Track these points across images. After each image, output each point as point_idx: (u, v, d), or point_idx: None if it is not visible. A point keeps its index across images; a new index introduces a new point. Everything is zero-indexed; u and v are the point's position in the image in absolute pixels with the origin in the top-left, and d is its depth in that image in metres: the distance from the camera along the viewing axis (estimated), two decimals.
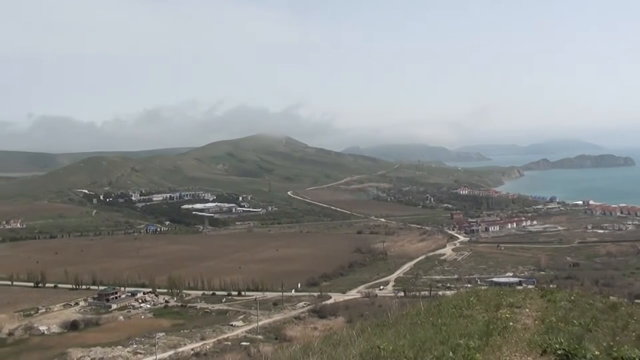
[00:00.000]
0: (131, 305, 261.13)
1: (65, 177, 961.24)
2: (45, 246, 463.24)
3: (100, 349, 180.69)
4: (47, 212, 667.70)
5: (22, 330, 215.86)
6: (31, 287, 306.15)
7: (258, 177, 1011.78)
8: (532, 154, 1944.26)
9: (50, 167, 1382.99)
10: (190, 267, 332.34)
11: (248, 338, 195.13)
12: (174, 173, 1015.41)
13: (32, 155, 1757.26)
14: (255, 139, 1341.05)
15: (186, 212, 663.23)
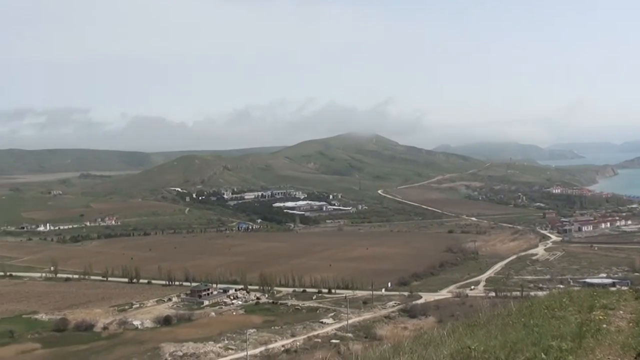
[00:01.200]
0: (223, 301, 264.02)
1: (159, 175, 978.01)
2: (140, 243, 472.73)
3: (192, 344, 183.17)
4: (142, 210, 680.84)
5: (117, 325, 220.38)
6: (125, 283, 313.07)
7: (348, 176, 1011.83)
8: (626, 152, 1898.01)
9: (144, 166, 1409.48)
10: (281, 265, 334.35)
11: (338, 336, 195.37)
12: (266, 171, 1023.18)
13: (126, 155, 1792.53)
14: (345, 138, 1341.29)
15: (277, 210, 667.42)
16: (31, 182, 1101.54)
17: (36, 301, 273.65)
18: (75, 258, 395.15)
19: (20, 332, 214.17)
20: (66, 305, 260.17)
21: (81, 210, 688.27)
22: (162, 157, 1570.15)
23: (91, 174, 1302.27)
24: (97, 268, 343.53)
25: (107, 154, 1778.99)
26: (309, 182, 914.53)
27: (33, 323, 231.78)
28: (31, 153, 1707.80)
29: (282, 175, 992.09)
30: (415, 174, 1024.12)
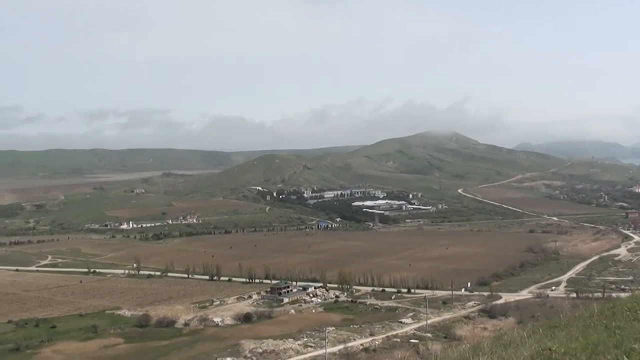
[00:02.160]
0: (302, 299, 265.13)
1: (240, 174, 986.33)
2: (220, 241, 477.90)
3: (272, 342, 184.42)
4: (223, 208, 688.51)
5: (198, 321, 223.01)
6: (206, 280, 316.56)
7: (428, 175, 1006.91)
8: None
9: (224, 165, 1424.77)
10: (360, 263, 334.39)
11: (417, 336, 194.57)
12: (345, 170, 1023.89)
13: (207, 154, 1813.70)
14: (424, 136, 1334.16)
15: (357, 209, 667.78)
16: (115, 181, 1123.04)
17: (119, 297, 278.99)
18: (157, 255, 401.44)
19: (104, 327, 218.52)
20: (148, 302, 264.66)
21: (163, 208, 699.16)
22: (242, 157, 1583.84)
23: (173, 173, 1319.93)
24: (178, 265, 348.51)
25: (188, 153, 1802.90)
26: (388, 181, 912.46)
27: (116, 318, 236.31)
28: (114, 153, 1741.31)
29: (361, 174, 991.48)
30: (495, 173, 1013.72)
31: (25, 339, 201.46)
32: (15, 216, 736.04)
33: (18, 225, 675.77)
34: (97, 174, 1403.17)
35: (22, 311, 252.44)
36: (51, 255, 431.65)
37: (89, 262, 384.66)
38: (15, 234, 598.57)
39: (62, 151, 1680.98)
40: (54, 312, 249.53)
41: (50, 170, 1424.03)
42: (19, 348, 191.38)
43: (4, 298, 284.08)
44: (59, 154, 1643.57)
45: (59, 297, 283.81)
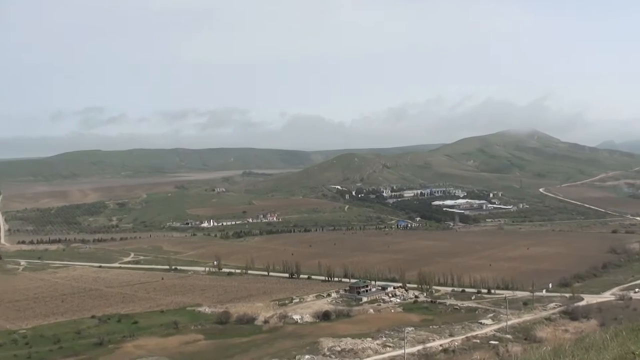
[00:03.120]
0: (381, 298, 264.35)
1: (319, 173, 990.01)
2: (300, 239, 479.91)
3: (351, 340, 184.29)
4: (302, 207, 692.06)
5: (277, 319, 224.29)
6: (286, 278, 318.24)
7: (508, 174, 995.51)
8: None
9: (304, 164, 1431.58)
10: (439, 263, 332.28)
11: (497, 337, 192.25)
12: (424, 169, 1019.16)
13: (286, 153, 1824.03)
14: (504, 134, 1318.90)
15: (436, 209, 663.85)
16: (196, 180, 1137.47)
17: (200, 294, 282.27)
18: (238, 253, 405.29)
19: (185, 324, 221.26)
20: (228, 299, 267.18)
21: (243, 207, 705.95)
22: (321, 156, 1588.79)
23: (253, 172, 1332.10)
24: (258, 263, 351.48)
25: (267, 152, 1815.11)
26: (468, 180, 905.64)
27: (197, 315, 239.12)
28: (195, 152, 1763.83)
29: (441, 173, 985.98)
30: (577, 172, 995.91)
31: (107, 334, 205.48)
32: (99, 214, 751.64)
33: (101, 222, 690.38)
34: (178, 172, 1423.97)
35: (105, 307, 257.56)
36: (133, 253, 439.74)
37: (170, 259, 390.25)
38: (98, 232, 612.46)
39: (145, 150, 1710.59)
40: (136, 308, 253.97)
41: (133, 169, 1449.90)
42: (102, 343, 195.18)
43: (87, 294, 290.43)
44: (141, 153, 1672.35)
45: (141, 293, 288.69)
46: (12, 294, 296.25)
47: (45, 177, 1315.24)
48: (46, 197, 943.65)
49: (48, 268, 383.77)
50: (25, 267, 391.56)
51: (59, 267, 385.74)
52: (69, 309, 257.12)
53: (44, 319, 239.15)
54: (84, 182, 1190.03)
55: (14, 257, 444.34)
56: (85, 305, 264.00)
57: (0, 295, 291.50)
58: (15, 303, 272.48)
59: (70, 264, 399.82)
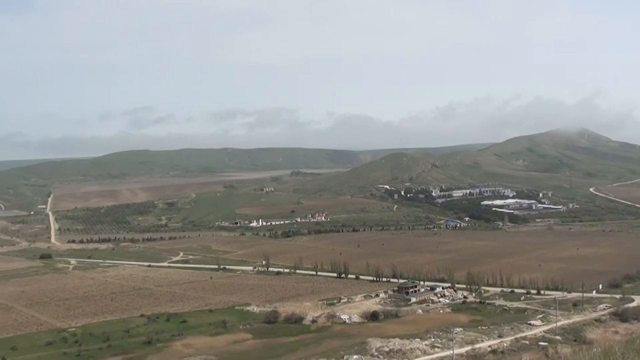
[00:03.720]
0: (430, 299, 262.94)
1: (367, 173, 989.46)
2: (348, 239, 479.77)
3: (399, 341, 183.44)
4: (350, 207, 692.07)
5: (325, 318, 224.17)
6: (334, 278, 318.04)
7: (558, 173, 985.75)
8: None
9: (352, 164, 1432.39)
10: (488, 264, 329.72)
11: (546, 338, 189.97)
12: (473, 169, 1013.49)
13: (334, 153, 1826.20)
14: (553, 134, 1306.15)
15: (485, 208, 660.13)
16: (244, 180, 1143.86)
17: (248, 293, 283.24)
18: (286, 253, 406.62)
19: (233, 323, 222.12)
20: (277, 298, 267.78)
21: (292, 206, 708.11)
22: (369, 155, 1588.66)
23: (301, 171, 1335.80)
24: (307, 263, 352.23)
25: (316, 152, 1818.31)
26: (517, 180, 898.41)
27: (245, 314, 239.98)
28: (244, 152, 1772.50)
29: (490, 172, 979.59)
30: (628, 171, 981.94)
31: (156, 333, 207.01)
32: (148, 213, 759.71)
33: (151, 222, 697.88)
34: (227, 172, 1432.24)
35: (154, 305, 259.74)
36: (182, 252, 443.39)
37: (219, 258, 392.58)
38: (148, 231, 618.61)
39: (194, 150, 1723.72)
40: (185, 307, 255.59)
41: (182, 169, 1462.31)
42: (151, 341, 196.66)
43: (137, 292, 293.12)
44: (191, 153, 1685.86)
45: (190, 292, 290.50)
46: (62, 292, 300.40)
47: (95, 177, 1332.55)
48: (96, 196, 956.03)
49: (98, 267, 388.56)
50: (75, 266, 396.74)
51: (108, 266, 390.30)
52: (118, 307, 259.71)
53: (94, 317, 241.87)
54: (133, 182, 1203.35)
55: (64, 256, 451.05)
56: (134, 304, 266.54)
57: (51, 294, 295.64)
58: (65, 301, 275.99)
59: (119, 263, 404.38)
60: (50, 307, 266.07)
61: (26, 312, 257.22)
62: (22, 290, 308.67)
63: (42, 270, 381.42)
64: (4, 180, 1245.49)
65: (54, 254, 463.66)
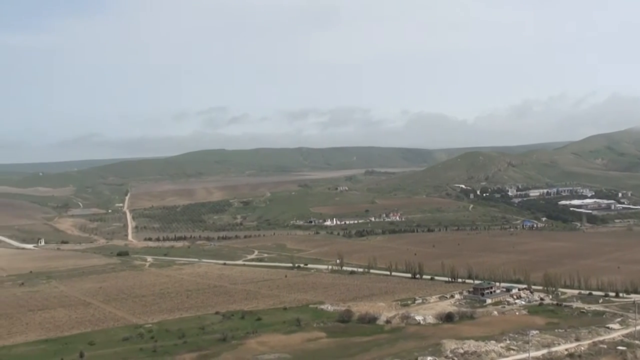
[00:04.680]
0: (506, 300, 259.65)
1: (443, 172, 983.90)
2: (423, 239, 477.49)
3: (474, 342, 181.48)
4: (425, 206, 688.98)
5: (399, 319, 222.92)
6: (408, 278, 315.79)
7: (638, 172, 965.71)
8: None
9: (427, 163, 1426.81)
10: (566, 265, 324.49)
11: (625, 342, 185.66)
12: (550, 168, 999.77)
13: (408, 152, 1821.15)
14: (634, 132, 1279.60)
15: (563, 208, 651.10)
16: (319, 179, 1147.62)
17: (322, 292, 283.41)
18: (360, 252, 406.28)
19: (307, 321, 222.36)
20: (350, 298, 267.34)
21: (366, 205, 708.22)
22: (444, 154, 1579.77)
23: (376, 170, 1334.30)
24: (381, 262, 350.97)
25: (390, 151, 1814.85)
26: (596, 179, 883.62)
27: (319, 313, 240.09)
28: (318, 151, 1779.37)
29: (567, 171, 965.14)
30: None
31: (231, 330, 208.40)
32: (224, 212, 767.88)
33: (226, 220, 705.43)
34: (302, 171, 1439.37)
35: (229, 303, 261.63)
36: (257, 250, 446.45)
37: (293, 257, 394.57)
38: (223, 229, 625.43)
39: (269, 150, 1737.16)
40: (259, 305, 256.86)
41: (258, 168, 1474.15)
42: (226, 339, 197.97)
43: (212, 290, 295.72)
44: (266, 152, 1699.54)
45: (264, 290, 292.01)
46: (139, 289, 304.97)
47: (171, 176, 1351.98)
48: (172, 195, 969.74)
49: (174, 265, 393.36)
50: (151, 264, 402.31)
51: (184, 264, 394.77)
52: (194, 304, 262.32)
53: (169, 314, 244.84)
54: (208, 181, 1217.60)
55: (141, 253, 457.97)
56: (209, 301, 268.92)
57: (128, 291, 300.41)
58: (141, 298, 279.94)
59: (195, 261, 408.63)
60: (127, 303, 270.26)
61: (103, 308, 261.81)
62: (99, 287, 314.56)
63: (120, 267, 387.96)
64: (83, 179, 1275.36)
65: (131, 251, 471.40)
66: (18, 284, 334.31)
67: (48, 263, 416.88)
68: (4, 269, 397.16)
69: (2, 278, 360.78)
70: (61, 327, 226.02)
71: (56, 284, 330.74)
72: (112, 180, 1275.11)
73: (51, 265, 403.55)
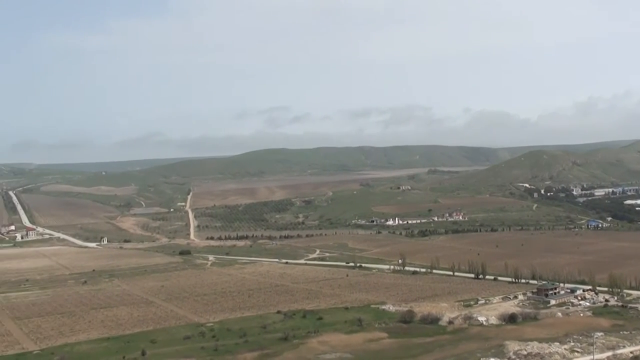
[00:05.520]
0: (570, 302, 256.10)
1: (506, 171, 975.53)
2: (486, 239, 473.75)
3: (537, 344, 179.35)
4: (489, 206, 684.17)
5: (462, 320, 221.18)
6: (471, 279, 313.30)
7: None
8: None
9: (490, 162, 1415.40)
10: (632, 266, 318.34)
11: None
12: (616, 167, 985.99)
13: (471, 150, 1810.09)
14: None
15: (629, 208, 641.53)
16: (380, 178, 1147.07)
17: (384, 292, 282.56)
18: (423, 252, 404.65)
19: (369, 321, 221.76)
20: (412, 298, 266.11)
21: (429, 205, 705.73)
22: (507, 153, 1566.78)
23: (439, 169, 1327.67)
24: (443, 262, 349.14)
25: (452, 149, 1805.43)
26: None
27: (380, 313, 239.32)
28: (380, 150, 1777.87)
29: (634, 170, 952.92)
30: None
31: (292, 329, 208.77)
32: (286, 211, 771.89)
33: (288, 219, 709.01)
34: (363, 170, 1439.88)
35: (291, 302, 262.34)
36: (319, 249, 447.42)
37: (355, 256, 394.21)
38: (285, 228, 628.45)
39: (331, 149, 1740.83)
40: (321, 304, 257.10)
41: (319, 167, 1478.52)
42: (287, 338, 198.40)
43: (274, 289, 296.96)
44: (327, 151, 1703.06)
45: (326, 289, 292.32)
46: (200, 288, 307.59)
47: (233, 175, 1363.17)
48: (234, 194, 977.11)
49: (235, 263, 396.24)
50: (213, 262, 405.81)
51: (246, 263, 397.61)
52: (255, 303, 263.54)
53: (231, 312, 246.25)
54: (270, 180, 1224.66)
55: (202, 252, 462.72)
56: (271, 300, 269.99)
57: (190, 289, 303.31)
58: (203, 297, 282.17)
59: (257, 259, 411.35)
60: (188, 302, 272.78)
61: (165, 306, 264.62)
62: (161, 285, 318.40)
63: (181, 266, 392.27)
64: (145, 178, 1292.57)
65: (192, 250, 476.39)
66: (81, 282, 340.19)
67: (110, 262, 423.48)
68: (68, 267, 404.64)
69: (65, 276, 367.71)
70: (123, 325, 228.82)
71: (118, 283, 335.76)
72: (174, 179, 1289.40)
73: (114, 264, 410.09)
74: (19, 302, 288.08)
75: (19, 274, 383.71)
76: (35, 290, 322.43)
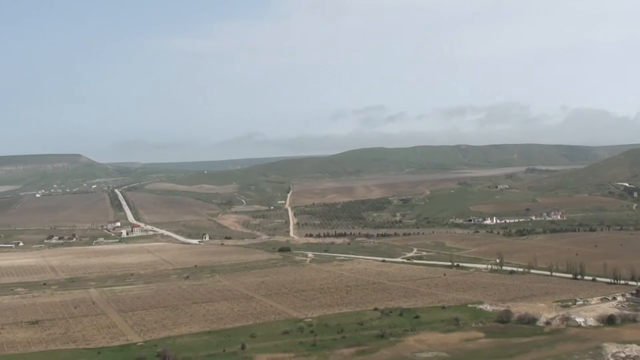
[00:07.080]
0: None
1: (605, 170, 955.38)
2: (585, 239, 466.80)
3: (636, 347, 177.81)
4: (587, 205, 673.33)
5: (559, 320, 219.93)
6: (569, 279, 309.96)
7: None
8: None
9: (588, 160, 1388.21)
10: None
11: None
12: None
13: (569, 149, 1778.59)
14: None
15: None
16: (478, 177, 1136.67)
17: (481, 292, 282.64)
18: (520, 251, 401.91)
19: (465, 321, 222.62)
20: (510, 298, 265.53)
21: (527, 204, 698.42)
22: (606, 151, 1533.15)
23: (537, 168, 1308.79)
24: (541, 262, 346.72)
25: (550, 148, 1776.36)
26: None
27: (477, 312, 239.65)
28: (477, 148, 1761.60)
29: None
30: None
31: (389, 327, 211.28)
32: (383, 210, 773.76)
33: (385, 218, 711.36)
34: (460, 169, 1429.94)
35: (388, 300, 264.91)
36: (416, 248, 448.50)
37: (452, 255, 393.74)
38: (382, 227, 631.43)
39: (427, 147, 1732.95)
40: (418, 303, 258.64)
41: (417, 166, 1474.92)
42: (384, 335, 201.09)
43: (371, 287, 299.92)
44: (424, 150, 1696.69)
45: (423, 288, 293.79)
46: (299, 284, 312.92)
47: (331, 174, 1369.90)
48: (332, 192, 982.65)
49: (334, 260, 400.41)
50: (312, 259, 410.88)
51: (344, 260, 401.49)
52: (353, 300, 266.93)
53: (329, 309, 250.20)
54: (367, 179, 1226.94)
55: (302, 249, 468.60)
56: (368, 297, 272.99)
57: (289, 285, 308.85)
58: (302, 293, 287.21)
59: (354, 257, 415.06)
60: (287, 297, 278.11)
61: (265, 301, 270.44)
62: (261, 281, 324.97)
63: (281, 263, 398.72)
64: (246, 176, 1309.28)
65: (292, 247, 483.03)
66: (183, 277, 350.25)
67: (212, 258, 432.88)
68: (171, 262, 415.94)
69: (168, 271, 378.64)
70: (224, 320, 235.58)
71: (220, 278, 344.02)
72: (274, 177, 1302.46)
73: (215, 260, 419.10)
74: (124, 295, 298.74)
75: (125, 268, 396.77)
76: (139, 284, 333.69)
